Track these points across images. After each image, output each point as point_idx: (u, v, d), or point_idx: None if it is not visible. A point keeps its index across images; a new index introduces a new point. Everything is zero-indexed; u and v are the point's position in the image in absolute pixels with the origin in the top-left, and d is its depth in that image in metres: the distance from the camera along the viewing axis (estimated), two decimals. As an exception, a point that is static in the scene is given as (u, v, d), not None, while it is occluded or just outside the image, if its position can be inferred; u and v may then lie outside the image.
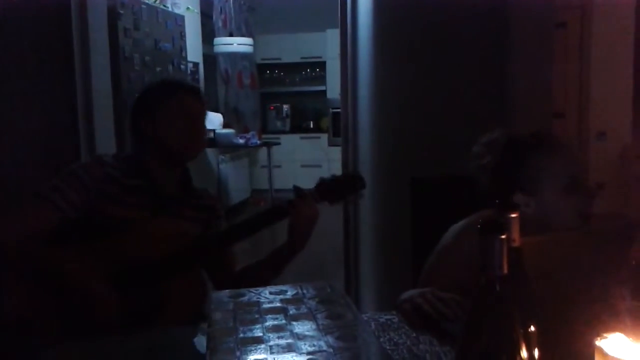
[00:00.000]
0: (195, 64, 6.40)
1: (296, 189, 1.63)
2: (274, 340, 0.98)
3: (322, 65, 8.36)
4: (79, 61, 2.87)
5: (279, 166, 7.53)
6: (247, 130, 7.29)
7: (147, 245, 1.52)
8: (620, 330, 0.84)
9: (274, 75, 8.82)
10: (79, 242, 1.49)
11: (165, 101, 1.62)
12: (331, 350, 0.93)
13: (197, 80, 6.51)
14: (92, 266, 1.45)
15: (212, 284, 1.74)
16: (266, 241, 1.84)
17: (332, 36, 4.96)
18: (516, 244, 0.83)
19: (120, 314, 1.44)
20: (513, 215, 0.82)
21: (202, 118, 1.66)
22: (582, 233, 1.27)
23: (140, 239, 1.52)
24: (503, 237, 0.72)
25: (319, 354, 0.92)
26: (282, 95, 8.74)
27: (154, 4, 4.88)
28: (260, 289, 1.24)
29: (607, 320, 0.88)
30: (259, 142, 6.97)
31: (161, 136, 1.61)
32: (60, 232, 1.49)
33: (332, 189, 1.65)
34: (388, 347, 1.16)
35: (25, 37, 2.73)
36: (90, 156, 2.85)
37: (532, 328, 0.82)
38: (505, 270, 0.73)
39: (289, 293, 1.21)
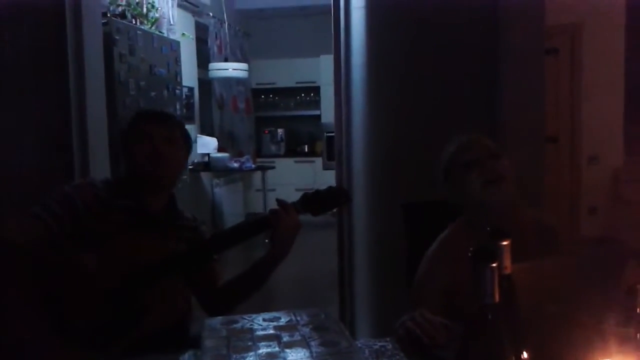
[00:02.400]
0: (191, 89, 6.44)
1: (278, 201, 1.66)
2: (268, 368, 0.98)
3: (317, 90, 8.41)
4: (74, 86, 2.88)
5: (273, 190, 7.52)
6: (241, 154, 7.30)
7: (129, 259, 1.54)
8: (610, 356, 0.85)
9: (269, 99, 8.87)
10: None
11: (129, 130, 1.71)
12: (324, 378, 0.93)
13: (192, 105, 6.53)
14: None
15: (198, 301, 1.75)
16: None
17: (326, 61, 5.01)
18: (508, 271, 0.84)
19: (103, 321, 1.46)
20: (504, 243, 0.83)
21: (162, 141, 1.66)
22: (573, 258, 1.28)
23: (123, 252, 1.55)
24: (494, 265, 0.73)
25: (313, 381, 0.91)
26: (277, 120, 8.77)
27: (149, 30, 4.92)
28: (254, 315, 1.24)
29: (598, 346, 0.89)
30: (253, 166, 6.98)
31: (128, 163, 1.69)
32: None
33: (314, 201, 1.67)
34: (382, 374, 1.15)
35: (21, 60, 2.75)
36: (84, 178, 2.86)
37: (525, 355, 0.83)
38: (497, 298, 0.74)
39: (282, 320, 1.21)
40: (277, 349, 1.06)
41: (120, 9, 4.56)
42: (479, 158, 1.56)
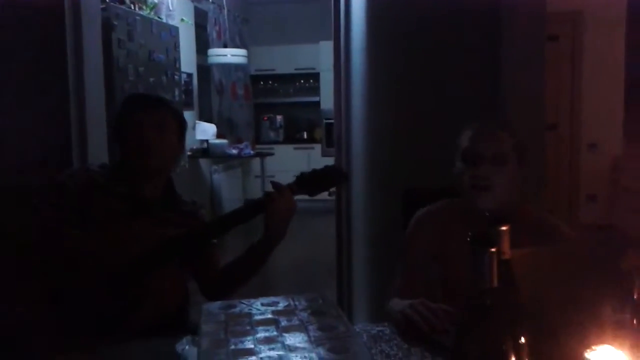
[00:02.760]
0: (189, 75, 6.41)
1: (273, 183, 1.67)
2: (265, 352, 0.98)
3: (316, 76, 8.38)
4: (72, 71, 2.86)
5: (272, 176, 7.49)
6: (240, 141, 7.29)
7: (128, 245, 1.55)
8: (609, 342, 0.85)
9: (268, 86, 8.84)
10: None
11: (120, 117, 1.70)
12: (322, 362, 0.93)
13: (191, 91, 6.51)
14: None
15: (198, 286, 1.75)
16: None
17: (326, 48, 5.00)
18: (506, 256, 0.84)
19: (100, 311, 1.47)
20: (503, 228, 0.83)
21: (151, 130, 1.64)
22: (571, 245, 1.28)
23: (121, 239, 1.56)
24: (493, 250, 0.73)
25: (311, 366, 0.92)
26: (276, 106, 8.75)
27: (148, 16, 4.89)
28: (252, 300, 1.24)
29: (596, 332, 0.89)
30: (252, 152, 6.97)
31: (120, 150, 1.68)
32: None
33: (311, 181, 1.68)
34: (380, 359, 1.16)
35: (18, 45, 2.73)
36: (82, 164, 2.85)
37: (522, 340, 0.83)
38: (496, 283, 0.74)
39: (280, 305, 1.21)
40: (275, 333, 1.06)
41: (118, -6, 4.54)
42: (477, 158, 1.52)
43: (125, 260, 1.52)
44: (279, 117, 8.59)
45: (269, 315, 1.15)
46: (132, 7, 4.69)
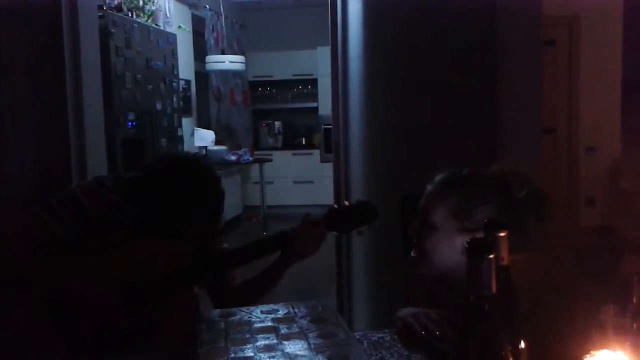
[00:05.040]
0: (188, 82, 6.42)
1: (305, 217, 1.63)
2: (266, 360, 0.98)
3: (314, 82, 8.39)
4: (70, 79, 2.86)
5: (271, 182, 7.53)
6: (239, 147, 7.30)
7: (146, 266, 1.49)
8: (609, 347, 0.85)
9: (266, 92, 8.86)
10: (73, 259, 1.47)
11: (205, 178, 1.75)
12: (322, 369, 0.93)
13: (189, 98, 6.52)
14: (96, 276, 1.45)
15: (211, 300, 1.74)
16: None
17: (324, 53, 5.01)
18: (505, 262, 0.84)
19: (115, 333, 1.44)
20: (501, 234, 0.82)
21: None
22: (570, 249, 1.28)
23: (139, 260, 1.49)
24: (491, 256, 0.73)
25: (310, 373, 0.92)
26: (274, 112, 8.76)
27: (145, 23, 4.90)
28: (252, 308, 1.24)
29: (596, 337, 0.89)
30: (251, 158, 6.98)
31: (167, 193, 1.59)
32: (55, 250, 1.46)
33: (341, 219, 1.65)
34: (380, 366, 1.16)
35: (16, 55, 2.73)
36: (80, 172, 2.85)
37: (522, 345, 0.83)
38: (494, 290, 0.74)
39: (280, 312, 1.21)
40: (275, 341, 1.06)
41: (116, 1, 4.55)
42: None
43: (139, 281, 1.48)
44: (277, 123, 8.60)
45: (269, 323, 1.15)
46: (130, 15, 4.70)
